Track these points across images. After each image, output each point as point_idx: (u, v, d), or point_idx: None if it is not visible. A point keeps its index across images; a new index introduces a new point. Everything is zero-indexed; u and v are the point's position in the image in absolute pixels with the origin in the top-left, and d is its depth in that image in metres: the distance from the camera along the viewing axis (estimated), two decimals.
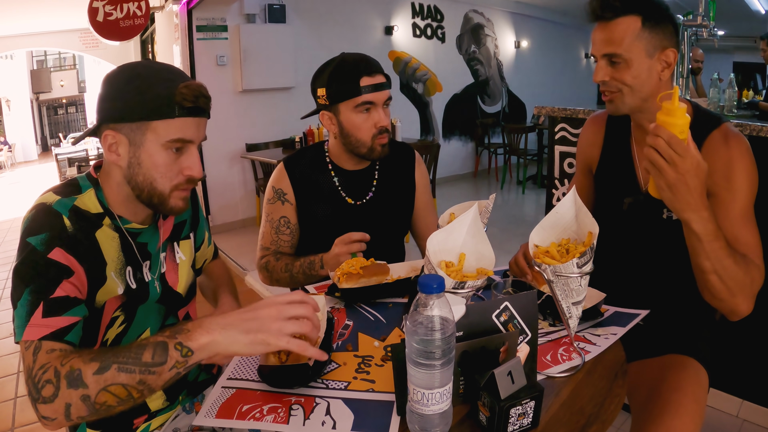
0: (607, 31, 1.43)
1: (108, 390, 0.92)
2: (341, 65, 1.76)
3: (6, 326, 3.99)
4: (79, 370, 0.92)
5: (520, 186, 8.09)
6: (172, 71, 1.15)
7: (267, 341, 0.94)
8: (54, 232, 1.07)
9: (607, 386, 1.10)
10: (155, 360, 0.93)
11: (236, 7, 6.23)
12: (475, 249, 1.25)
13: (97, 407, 0.92)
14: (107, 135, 1.14)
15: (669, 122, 1.18)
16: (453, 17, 8.71)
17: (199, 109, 1.14)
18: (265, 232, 1.94)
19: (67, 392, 0.91)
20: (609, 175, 1.68)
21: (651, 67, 1.44)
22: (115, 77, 1.13)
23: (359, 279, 1.48)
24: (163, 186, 1.16)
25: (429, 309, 0.86)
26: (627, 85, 1.45)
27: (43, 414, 0.93)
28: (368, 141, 1.78)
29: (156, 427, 1.30)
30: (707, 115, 1.50)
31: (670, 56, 1.44)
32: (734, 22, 8.41)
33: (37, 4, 8.01)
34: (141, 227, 1.26)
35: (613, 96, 1.49)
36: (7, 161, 17.84)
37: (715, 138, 1.43)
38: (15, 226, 7.78)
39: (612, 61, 1.44)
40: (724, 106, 3.40)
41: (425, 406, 0.89)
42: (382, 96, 1.76)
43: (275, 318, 0.96)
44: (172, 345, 0.93)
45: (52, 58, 22.74)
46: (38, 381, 0.93)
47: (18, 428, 2.67)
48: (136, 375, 0.92)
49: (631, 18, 1.40)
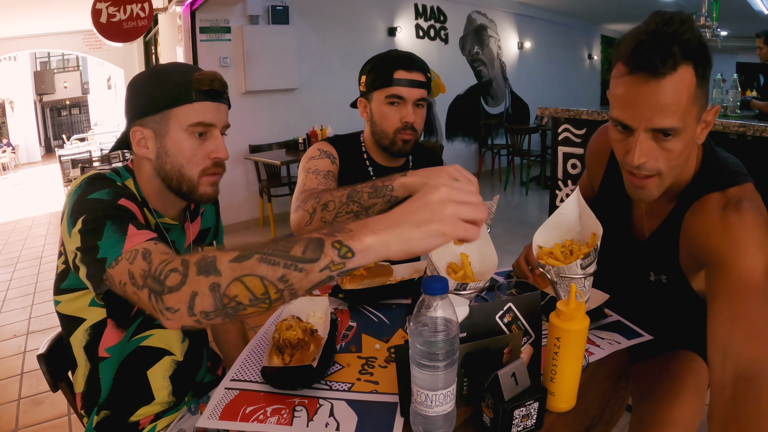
0: (661, 94, 1.03)
1: (242, 281, 0.80)
2: (384, 56, 1.79)
3: (9, 328, 3.99)
4: (214, 257, 0.83)
5: (524, 187, 8.09)
6: (189, 66, 1.22)
7: (443, 231, 0.80)
8: (115, 188, 1.10)
9: (610, 388, 1.10)
10: (306, 255, 0.80)
11: (239, 9, 6.24)
12: (479, 250, 1.25)
13: (225, 301, 0.81)
14: (135, 131, 1.19)
15: (563, 328, 0.97)
16: (456, 18, 8.71)
17: (216, 92, 1.19)
18: (306, 180, 1.67)
19: (196, 279, 0.83)
20: (603, 208, 1.37)
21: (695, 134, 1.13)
22: (136, 79, 1.21)
23: (363, 280, 1.48)
24: (191, 171, 1.20)
25: (432, 310, 0.86)
26: (671, 166, 1.13)
27: (167, 305, 0.84)
28: (391, 133, 1.77)
29: (162, 427, 1.31)
30: (717, 173, 1.20)
31: (713, 116, 1.14)
32: (737, 23, 8.41)
33: (41, 6, 8.03)
34: (171, 223, 1.30)
35: (649, 182, 1.15)
36: (11, 162, 17.86)
37: (712, 201, 1.15)
38: (18, 227, 7.80)
39: (663, 136, 1.08)
40: (727, 107, 3.40)
41: (429, 408, 0.89)
42: (414, 93, 1.74)
43: (447, 201, 0.81)
44: (329, 242, 0.80)
45: (56, 60, 22.77)
46: (160, 273, 0.87)
47: (21, 430, 2.67)
48: (280, 269, 0.80)
49: (687, 70, 1.04)
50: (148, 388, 1.29)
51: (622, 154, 1.15)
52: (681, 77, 1.03)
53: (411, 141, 1.79)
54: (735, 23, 8.26)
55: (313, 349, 1.16)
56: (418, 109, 1.78)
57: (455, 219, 0.80)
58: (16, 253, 6.19)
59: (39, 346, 1.36)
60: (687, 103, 1.04)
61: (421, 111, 1.80)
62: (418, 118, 1.78)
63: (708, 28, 3.60)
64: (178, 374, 1.33)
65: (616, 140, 1.16)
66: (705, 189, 1.18)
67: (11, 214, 9.08)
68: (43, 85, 22.14)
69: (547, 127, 7.98)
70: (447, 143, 8.69)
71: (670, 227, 1.27)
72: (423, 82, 1.76)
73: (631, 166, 1.12)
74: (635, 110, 1.07)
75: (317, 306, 1.36)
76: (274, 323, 1.31)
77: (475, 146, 9.34)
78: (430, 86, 1.80)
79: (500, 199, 1.59)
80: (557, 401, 1.01)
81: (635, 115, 1.07)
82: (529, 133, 8.00)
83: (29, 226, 7.77)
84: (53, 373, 1.32)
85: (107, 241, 0.99)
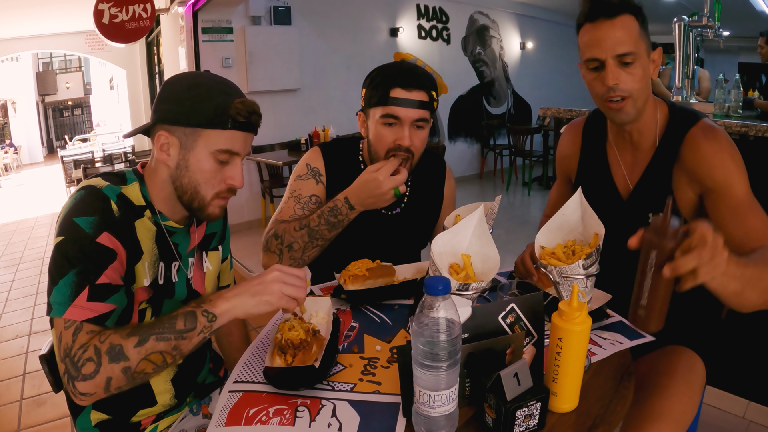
0: (615, 29, 1.37)
1: (148, 359, 1.03)
2: (384, 69, 1.65)
3: (11, 328, 4.00)
4: (120, 345, 1.01)
5: (526, 187, 8.08)
6: (230, 86, 1.23)
7: (270, 301, 1.09)
8: (103, 216, 1.11)
9: (613, 388, 1.10)
10: (187, 327, 1.06)
11: (242, 9, 6.25)
12: (481, 251, 1.25)
13: (135, 376, 1.03)
14: (161, 135, 1.19)
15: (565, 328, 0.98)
16: (458, 19, 8.71)
17: (250, 125, 1.22)
18: (285, 207, 1.72)
19: (109, 367, 1.00)
20: (587, 183, 1.56)
21: (649, 67, 1.43)
22: (177, 82, 1.21)
23: (365, 281, 1.48)
24: (206, 192, 1.22)
25: (435, 311, 0.86)
26: (636, 87, 1.40)
27: (81, 391, 1.01)
28: (382, 155, 1.64)
29: (163, 428, 1.31)
30: (683, 112, 1.49)
31: (658, 55, 1.44)
32: (739, 23, 8.39)
33: (43, 7, 8.05)
34: (177, 227, 1.30)
35: (625, 103, 1.42)
36: (13, 163, 17.90)
37: (695, 135, 1.42)
38: (21, 227, 7.81)
39: (624, 62, 1.38)
40: (730, 107, 3.39)
41: (431, 408, 0.89)
42: (412, 114, 1.59)
43: (276, 281, 1.10)
44: (199, 312, 1.07)
45: (58, 61, 22.82)
46: (78, 359, 1.01)
47: (23, 430, 2.68)
48: (172, 341, 1.04)
49: (629, 17, 1.38)
50: (150, 392, 1.29)
51: (600, 87, 1.43)
52: (627, 19, 1.37)
53: (407, 167, 1.64)
54: (737, 23, 8.24)
55: (315, 350, 1.16)
56: (417, 131, 1.63)
57: (280, 294, 1.09)
58: (18, 254, 6.21)
59: (41, 347, 1.37)
60: (636, 37, 1.37)
61: (420, 133, 1.64)
62: (416, 140, 1.63)
63: (710, 28, 3.59)
64: (179, 377, 1.34)
65: (593, 79, 1.44)
66: (685, 127, 1.44)
67: (14, 214, 9.11)
68: (45, 85, 22.19)
69: (549, 127, 7.99)
70: (449, 144, 8.70)
71: (658, 168, 1.50)
72: (424, 102, 1.60)
73: (606, 92, 1.41)
74: (600, 45, 1.38)
75: (320, 306, 1.36)
76: (277, 324, 1.31)
77: (477, 147, 9.34)
78: (433, 106, 1.65)
79: (502, 200, 1.59)
80: (560, 402, 1.01)
81: (602, 49, 1.38)
82: (531, 134, 8.00)
83: (31, 227, 7.78)
84: (55, 374, 1.32)
85: (59, 293, 1.06)
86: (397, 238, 1.80)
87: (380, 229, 1.79)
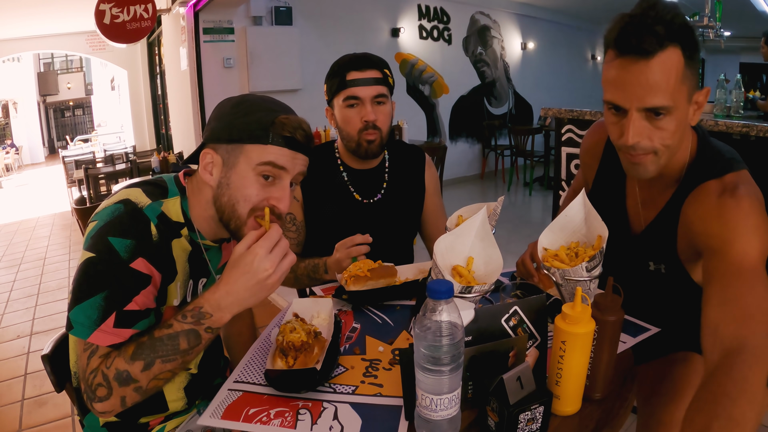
0: (650, 73, 1.06)
1: (157, 377, 1.04)
2: (337, 61, 1.79)
3: (12, 329, 4.00)
4: (126, 370, 1.02)
5: (527, 188, 8.07)
6: (278, 104, 1.18)
7: (269, 293, 1.08)
8: (141, 241, 1.07)
9: (615, 391, 1.09)
10: (191, 345, 1.06)
11: (243, 10, 6.25)
12: (484, 252, 1.24)
13: (148, 392, 1.05)
14: (206, 153, 1.15)
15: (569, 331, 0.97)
16: (459, 19, 8.71)
17: (295, 142, 1.14)
18: None
19: (120, 389, 1.02)
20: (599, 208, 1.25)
21: (687, 115, 1.15)
22: (226, 101, 1.18)
23: (367, 281, 1.48)
24: (243, 209, 1.13)
25: (438, 314, 0.86)
26: (664, 145, 1.14)
27: (99, 410, 1.04)
28: (355, 135, 1.76)
29: (171, 428, 1.31)
30: (714, 153, 1.23)
31: (704, 96, 1.16)
32: (741, 23, 8.38)
33: (44, 7, 8.05)
34: (211, 245, 1.26)
35: (645, 159, 1.16)
36: (14, 163, 17.90)
37: (710, 188, 1.16)
38: (22, 228, 7.81)
39: (654, 114, 1.10)
40: (731, 107, 3.38)
41: (433, 412, 0.89)
42: (370, 91, 1.73)
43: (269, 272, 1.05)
44: (202, 330, 1.06)
45: (59, 61, 22.84)
46: (91, 384, 1.02)
47: (25, 430, 2.68)
48: (178, 360, 1.05)
49: (674, 51, 1.06)
50: (162, 400, 1.27)
51: (617, 137, 1.16)
52: (668, 57, 1.05)
53: (376, 140, 1.77)
54: (738, 23, 8.24)
55: (317, 352, 1.16)
56: (379, 107, 1.76)
57: (279, 280, 1.07)
58: (19, 254, 6.20)
59: (42, 347, 1.36)
60: (676, 82, 1.07)
61: (382, 108, 1.77)
62: (380, 115, 1.76)
63: (711, 28, 3.60)
64: (192, 385, 1.32)
65: (611, 123, 1.18)
66: (702, 177, 1.20)
67: (15, 215, 9.10)
68: (46, 86, 22.21)
69: (551, 127, 7.97)
70: (450, 144, 8.69)
71: (668, 216, 1.28)
72: (378, 78, 1.74)
73: (625, 147, 1.15)
74: (626, 91, 1.09)
75: (321, 307, 1.35)
76: (278, 325, 1.31)
77: (478, 147, 9.34)
78: (388, 82, 1.78)
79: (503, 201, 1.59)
80: (562, 405, 1.01)
81: (626, 96, 1.09)
82: (533, 134, 8.00)
83: (33, 227, 7.78)
84: (58, 374, 1.32)
85: (82, 313, 1.03)
86: (381, 225, 1.82)
87: (359, 216, 1.86)
